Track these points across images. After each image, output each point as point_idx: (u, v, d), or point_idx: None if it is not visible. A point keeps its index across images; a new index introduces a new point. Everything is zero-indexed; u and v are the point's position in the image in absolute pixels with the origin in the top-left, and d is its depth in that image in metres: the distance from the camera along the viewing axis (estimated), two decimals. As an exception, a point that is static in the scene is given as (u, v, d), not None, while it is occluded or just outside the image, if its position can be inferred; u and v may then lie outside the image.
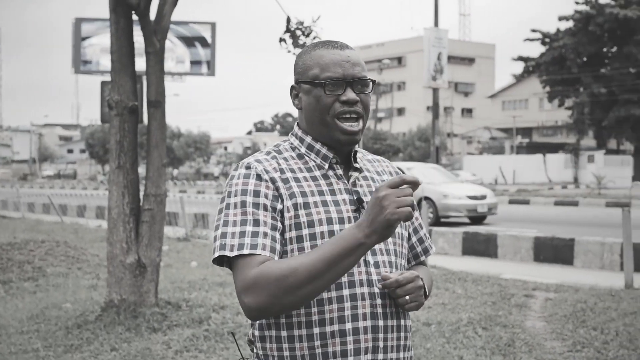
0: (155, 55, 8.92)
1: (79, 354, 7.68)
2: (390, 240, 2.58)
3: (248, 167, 2.52)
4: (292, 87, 2.68)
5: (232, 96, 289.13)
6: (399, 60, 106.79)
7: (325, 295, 2.42)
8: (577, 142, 69.05)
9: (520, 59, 75.20)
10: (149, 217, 8.81)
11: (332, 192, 2.54)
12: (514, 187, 57.98)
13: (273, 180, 2.49)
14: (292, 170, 2.55)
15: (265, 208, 2.43)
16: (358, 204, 2.55)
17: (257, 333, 2.53)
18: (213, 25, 39.19)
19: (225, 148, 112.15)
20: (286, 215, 2.46)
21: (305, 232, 2.46)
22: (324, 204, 2.50)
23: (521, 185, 61.80)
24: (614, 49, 69.44)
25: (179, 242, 18.46)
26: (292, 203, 2.47)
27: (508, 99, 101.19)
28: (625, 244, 11.32)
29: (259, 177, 2.48)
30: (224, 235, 2.40)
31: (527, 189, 52.19)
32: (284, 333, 2.45)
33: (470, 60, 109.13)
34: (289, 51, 9.98)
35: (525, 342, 7.85)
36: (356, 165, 2.65)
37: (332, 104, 2.53)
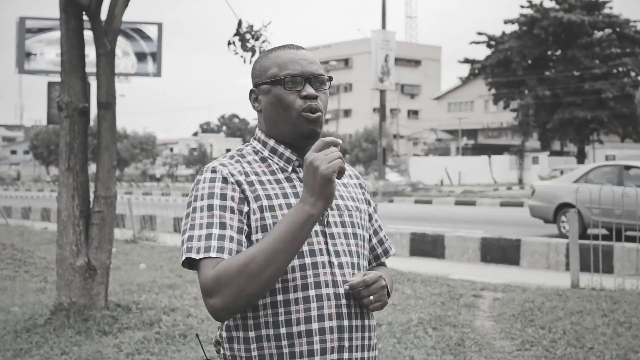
0: (106, 56, 8.87)
1: (28, 358, 7.61)
2: (352, 242, 2.62)
3: (214, 171, 2.54)
4: (252, 91, 2.71)
5: (178, 97, 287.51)
6: (346, 62, 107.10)
7: (291, 295, 2.45)
8: (522, 144, 69.74)
9: (466, 61, 75.84)
10: (99, 220, 8.75)
11: (296, 195, 2.57)
12: (460, 188, 58.40)
13: (239, 183, 2.51)
14: (257, 174, 2.58)
15: (232, 211, 2.46)
16: None
17: (224, 334, 2.55)
18: (159, 26, 38.99)
19: (171, 149, 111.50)
20: (252, 217, 2.48)
21: None
22: (289, 206, 2.52)
23: (467, 186, 62.25)
24: (558, 52, 70.39)
25: (127, 244, 18.34)
26: (257, 205, 2.49)
27: (454, 100, 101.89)
28: (572, 244, 11.48)
29: (225, 180, 2.51)
30: (190, 238, 2.42)
31: (472, 190, 52.61)
32: (251, 334, 2.47)
33: (417, 63, 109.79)
34: (236, 53, 9.96)
35: (475, 342, 7.95)
36: None
37: (294, 100, 2.57)
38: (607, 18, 67.97)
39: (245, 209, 2.49)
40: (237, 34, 9.73)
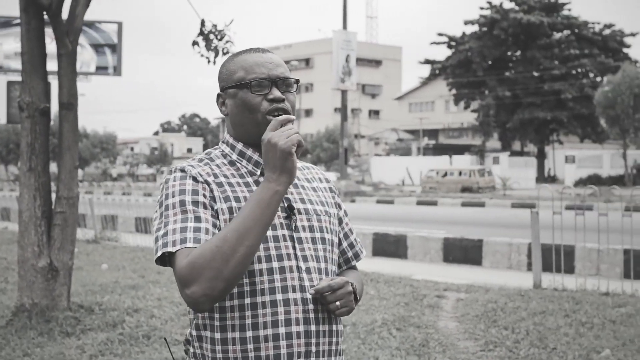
0: (68, 56, 8.79)
1: (-10, 360, 7.54)
2: (320, 246, 2.61)
3: (183, 171, 2.53)
4: (219, 96, 2.70)
5: (138, 96, 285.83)
6: (307, 62, 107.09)
7: (259, 299, 2.44)
8: (483, 144, 70.18)
9: (427, 61, 76.21)
10: (61, 220, 8.68)
11: None
12: (421, 188, 58.58)
13: (208, 183, 2.50)
14: (225, 176, 2.57)
15: (204, 206, 2.45)
16: (289, 211, 2.58)
17: (194, 333, 2.54)
18: (119, 25, 38.62)
19: (132, 148, 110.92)
20: (221, 217, 2.46)
21: None
22: None
23: (428, 186, 62.39)
24: (518, 53, 70.97)
25: (89, 245, 18.22)
26: (227, 206, 2.48)
27: (415, 101, 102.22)
28: (534, 245, 11.55)
29: (194, 179, 2.50)
30: (165, 234, 2.39)
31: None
32: (217, 335, 2.46)
33: (378, 63, 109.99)
34: (202, 55, 9.92)
35: (439, 342, 7.97)
36: None
37: (260, 103, 2.56)
38: (565, 19, 68.64)
39: (215, 207, 2.48)
40: (201, 33, 9.68)
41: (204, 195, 2.47)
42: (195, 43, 9.74)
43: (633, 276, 11.16)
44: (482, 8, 70.42)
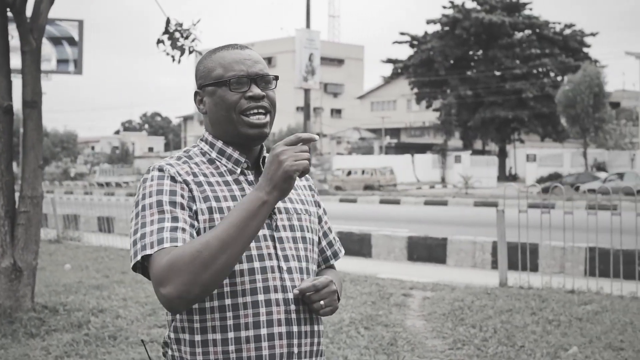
0: (32, 54, 8.69)
1: (-47, 362, 7.43)
2: (301, 246, 2.58)
3: (161, 170, 2.47)
4: (196, 93, 2.65)
5: (99, 95, 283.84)
6: (269, 60, 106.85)
7: (240, 300, 2.40)
8: (445, 143, 70.45)
9: (389, 61, 76.45)
10: (24, 220, 8.57)
11: None
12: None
13: (186, 183, 2.45)
14: (205, 175, 2.52)
15: (182, 207, 2.40)
16: None
17: (172, 335, 2.49)
18: (80, 23, 38.35)
19: (93, 148, 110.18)
20: (200, 217, 2.42)
21: None
22: None
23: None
24: (480, 53, 71.43)
25: (51, 244, 18.05)
26: (206, 206, 2.43)
27: (377, 100, 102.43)
28: (500, 243, 11.59)
29: (173, 179, 2.44)
30: (143, 236, 2.34)
31: (396, 189, 53.00)
32: (197, 337, 2.41)
33: (340, 62, 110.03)
34: (167, 53, 9.83)
35: (407, 341, 7.97)
36: None
37: (238, 101, 2.52)
38: (527, 19, 69.18)
39: (194, 207, 2.43)
40: (166, 32, 9.59)
41: (182, 196, 2.42)
42: (160, 41, 9.65)
43: (597, 274, 11.21)
44: (444, 7, 70.77)
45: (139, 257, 2.32)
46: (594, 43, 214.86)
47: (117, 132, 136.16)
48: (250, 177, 2.58)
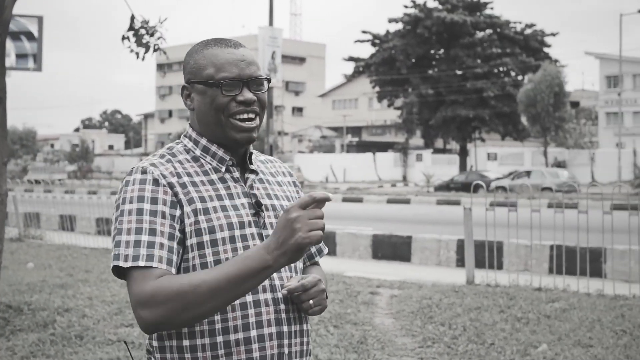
0: (-4, 49, 8.54)
1: None
2: None
3: (144, 172, 2.39)
4: (184, 87, 2.56)
5: (58, 92, 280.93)
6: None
7: None
8: (406, 141, 70.69)
9: (351, 59, 76.42)
10: (-11, 218, 8.43)
11: (231, 197, 2.46)
12: (345, 185, 58.90)
13: (171, 186, 2.38)
14: (189, 174, 2.45)
15: (163, 216, 2.32)
16: (257, 207, 2.48)
17: (155, 343, 2.42)
18: (40, 19, 37.88)
19: (52, 145, 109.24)
20: (186, 221, 2.35)
21: (206, 238, 2.36)
22: (224, 208, 2.41)
23: (352, 183, 62.78)
24: (441, 52, 71.63)
25: (12, 243, 17.80)
26: (191, 209, 2.37)
27: (338, 98, 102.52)
28: (467, 241, 11.62)
29: (156, 182, 2.36)
30: (118, 244, 2.27)
31: (358, 187, 53.12)
32: (185, 342, 2.35)
33: (301, 60, 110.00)
34: (132, 50, 9.70)
35: (377, 339, 7.95)
36: (252, 167, 2.58)
37: (227, 104, 2.44)
38: (488, 19, 69.47)
39: (178, 212, 2.35)
40: (131, 29, 9.47)
41: (164, 202, 2.34)
42: (125, 38, 9.52)
43: (562, 271, 11.27)
44: (406, 7, 70.89)
45: (111, 265, 2.29)
46: (554, 43, 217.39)
47: (77, 130, 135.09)
48: (236, 174, 2.52)
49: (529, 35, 69.93)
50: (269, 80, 2.57)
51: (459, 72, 68.66)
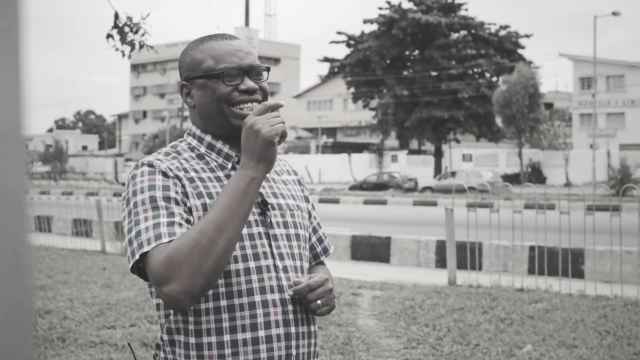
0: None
1: None
2: (295, 243, 2.51)
3: (151, 165, 2.37)
4: (183, 85, 2.54)
5: (32, 92, 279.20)
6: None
7: (236, 301, 2.32)
8: (381, 142, 70.73)
9: (326, 60, 76.36)
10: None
11: None
12: (320, 186, 58.91)
13: (179, 178, 2.36)
14: (196, 170, 2.43)
15: (176, 202, 2.30)
16: (263, 206, 2.46)
17: (165, 337, 2.40)
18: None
19: (26, 146, 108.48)
20: (195, 214, 2.33)
21: None
22: None
23: (327, 184, 62.84)
24: (416, 53, 71.68)
25: (-12, 244, 17.63)
26: (200, 203, 2.34)
27: (313, 99, 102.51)
28: (449, 242, 11.62)
29: (164, 174, 2.35)
30: (138, 234, 2.23)
31: (333, 188, 53.12)
32: (192, 340, 2.32)
33: (276, 61, 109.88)
34: (117, 49, 9.64)
35: (362, 341, 7.93)
36: None
37: (230, 93, 2.43)
38: (462, 20, 69.61)
39: (188, 203, 2.33)
40: (116, 26, 9.41)
41: (176, 192, 2.32)
42: (109, 36, 9.46)
43: (540, 272, 11.30)
44: (380, 8, 70.94)
45: (137, 256, 2.22)
46: (529, 44, 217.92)
47: (51, 130, 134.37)
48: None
49: (503, 37, 70.14)
50: (268, 70, 2.57)
51: (433, 73, 68.77)
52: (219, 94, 2.43)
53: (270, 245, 2.42)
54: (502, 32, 70.62)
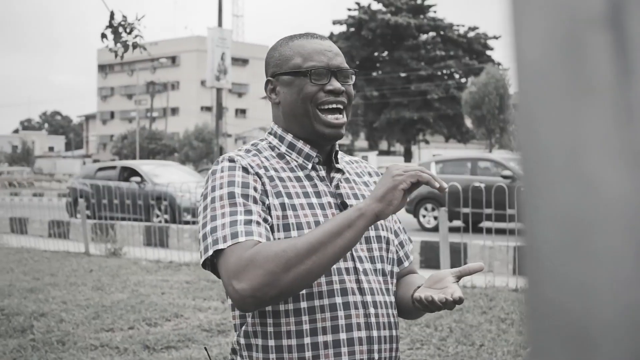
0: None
1: None
2: (375, 245, 2.46)
3: (232, 160, 2.34)
4: (269, 81, 2.52)
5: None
6: (173, 59, 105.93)
7: (317, 302, 2.27)
8: (351, 143, 70.93)
9: (295, 60, 76.45)
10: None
11: (317, 195, 2.40)
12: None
13: (259, 176, 2.32)
14: (275, 169, 2.39)
15: (255, 201, 2.26)
16: (342, 208, 2.41)
17: (242, 341, 2.34)
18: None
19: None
20: (273, 213, 2.29)
21: (294, 234, 2.28)
22: (310, 206, 2.35)
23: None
24: (386, 54, 71.99)
25: (-34, 247, 17.43)
26: (279, 202, 2.31)
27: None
28: (442, 243, 11.58)
29: (245, 170, 2.31)
30: (214, 229, 2.18)
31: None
32: (271, 342, 2.28)
33: (244, 61, 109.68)
34: (111, 49, 9.55)
35: (365, 342, 7.88)
36: (338, 166, 2.52)
37: (316, 93, 2.39)
38: (432, 21, 70.05)
39: (267, 201, 2.29)
40: (110, 26, 9.32)
41: (255, 189, 2.28)
42: (104, 36, 9.37)
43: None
44: (349, 9, 71.11)
45: (210, 252, 2.17)
46: (497, 46, 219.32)
47: (16, 131, 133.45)
48: (322, 173, 2.47)
49: (472, 38, 70.62)
50: (355, 74, 2.52)
51: (403, 75, 69.10)
52: (306, 92, 2.39)
53: None
54: (471, 34, 71.14)
